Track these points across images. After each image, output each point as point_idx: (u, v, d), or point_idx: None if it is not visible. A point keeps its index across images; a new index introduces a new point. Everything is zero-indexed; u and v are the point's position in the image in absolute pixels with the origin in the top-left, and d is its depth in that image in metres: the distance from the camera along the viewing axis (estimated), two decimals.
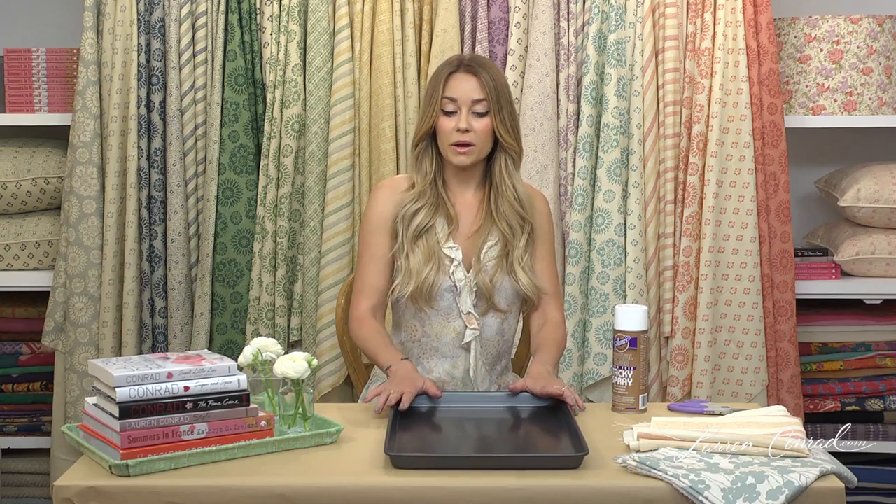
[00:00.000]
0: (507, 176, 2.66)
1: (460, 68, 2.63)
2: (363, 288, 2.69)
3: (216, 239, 3.45)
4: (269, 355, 2.29)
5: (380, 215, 2.68)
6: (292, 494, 1.99)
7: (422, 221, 2.63)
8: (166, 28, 3.44)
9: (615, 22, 3.38)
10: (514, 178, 2.67)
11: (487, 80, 2.61)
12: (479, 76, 2.61)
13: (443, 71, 2.64)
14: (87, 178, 3.44)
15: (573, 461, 2.08)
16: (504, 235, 2.66)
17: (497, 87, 2.62)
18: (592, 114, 3.40)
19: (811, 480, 1.99)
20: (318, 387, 3.41)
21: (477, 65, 2.63)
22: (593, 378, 3.38)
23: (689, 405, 2.46)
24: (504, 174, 2.66)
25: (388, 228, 2.67)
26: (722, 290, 3.43)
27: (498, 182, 2.66)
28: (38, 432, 3.67)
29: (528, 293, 2.66)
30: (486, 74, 2.61)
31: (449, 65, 2.65)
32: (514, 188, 2.66)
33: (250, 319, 3.44)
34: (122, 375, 2.06)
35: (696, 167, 3.39)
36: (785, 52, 3.60)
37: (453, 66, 2.64)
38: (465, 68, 2.63)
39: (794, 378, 3.48)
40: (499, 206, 2.66)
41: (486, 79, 2.61)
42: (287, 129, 3.41)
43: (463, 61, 2.65)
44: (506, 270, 2.64)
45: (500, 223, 2.65)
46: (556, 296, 2.73)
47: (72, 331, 3.47)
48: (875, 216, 3.54)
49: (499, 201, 2.66)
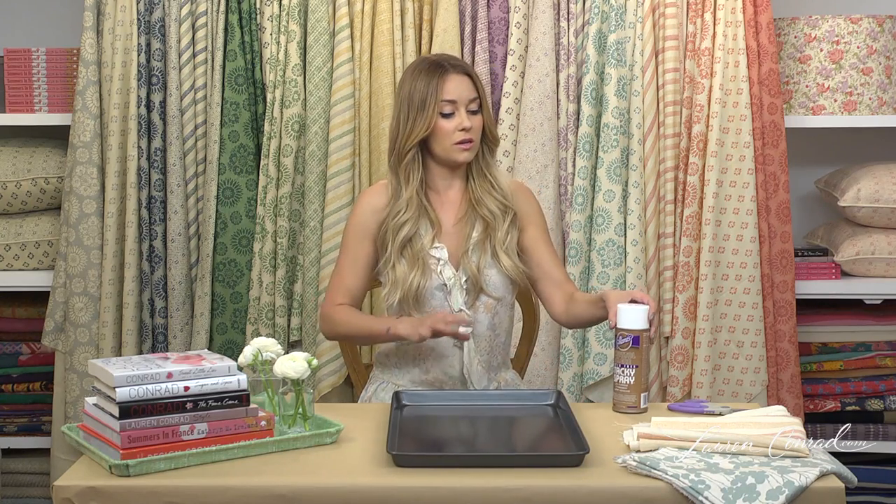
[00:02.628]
0: (483, 167, 2.72)
1: (451, 70, 2.65)
2: (338, 287, 2.71)
3: (216, 239, 3.45)
4: (269, 355, 2.29)
5: (363, 223, 2.71)
6: (292, 494, 1.99)
7: (409, 232, 2.65)
8: (166, 28, 3.44)
9: (615, 22, 3.38)
10: (492, 168, 2.73)
11: (476, 78, 2.69)
12: (470, 75, 2.68)
13: (432, 75, 2.65)
14: (87, 178, 3.44)
15: (574, 460, 2.08)
16: (487, 223, 2.67)
17: (482, 84, 2.72)
18: (592, 114, 3.40)
19: (811, 480, 1.99)
20: (318, 387, 3.41)
21: (463, 63, 2.71)
22: (593, 378, 3.38)
23: (689, 405, 2.46)
24: (482, 165, 2.72)
25: (369, 236, 2.70)
26: (722, 290, 3.43)
27: (475, 173, 2.72)
28: (38, 432, 3.67)
29: (513, 276, 2.68)
30: (473, 72, 2.70)
31: (435, 68, 2.66)
32: (493, 177, 2.71)
33: (250, 319, 3.44)
34: (122, 375, 2.06)
35: (696, 167, 3.39)
36: (785, 52, 3.60)
37: (439, 68, 2.66)
38: (457, 69, 2.66)
39: (794, 378, 3.48)
40: (478, 194, 2.70)
41: (475, 76, 2.69)
42: (287, 129, 3.41)
43: (448, 62, 2.68)
44: (489, 255, 2.65)
45: (481, 210, 2.68)
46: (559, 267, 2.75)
47: (72, 331, 3.47)
48: (875, 216, 3.54)
49: (478, 190, 2.70)
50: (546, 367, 3.43)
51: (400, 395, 2.47)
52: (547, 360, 3.43)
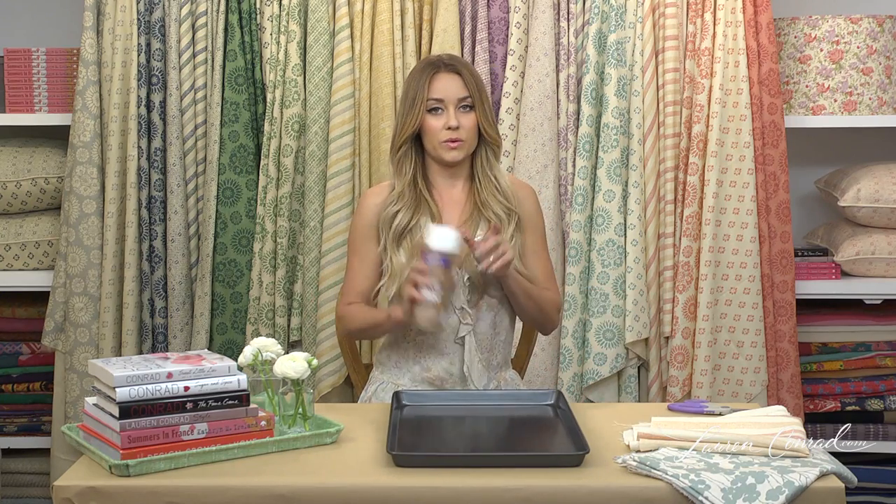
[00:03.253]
0: (487, 169, 2.72)
1: (442, 69, 2.68)
2: (350, 290, 2.75)
3: (216, 239, 3.45)
4: (269, 355, 2.29)
5: (366, 223, 2.73)
6: (292, 494, 1.99)
7: (401, 221, 2.67)
8: (166, 28, 3.44)
9: (615, 22, 3.38)
10: (494, 169, 2.73)
11: (469, 78, 2.68)
12: (461, 74, 2.68)
13: (423, 73, 2.68)
14: (87, 178, 3.44)
15: (574, 459, 2.08)
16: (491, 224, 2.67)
17: (477, 84, 2.70)
18: (592, 114, 3.40)
19: (811, 480, 1.99)
20: (318, 387, 3.41)
21: (458, 63, 2.70)
22: (593, 378, 3.38)
23: (689, 405, 2.46)
24: (486, 167, 2.72)
25: (374, 235, 2.72)
26: (722, 290, 3.43)
27: (480, 175, 2.73)
28: (38, 432, 3.67)
29: None
30: (466, 72, 2.69)
31: (427, 66, 2.69)
32: (495, 179, 2.72)
33: (250, 319, 3.44)
34: (122, 375, 2.06)
35: (696, 167, 3.39)
36: (785, 52, 3.60)
37: (431, 67, 2.69)
38: (447, 68, 2.68)
39: (794, 378, 3.48)
40: (483, 197, 2.70)
41: (468, 76, 2.69)
42: (287, 129, 3.41)
43: (442, 61, 2.70)
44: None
45: (486, 213, 2.69)
46: (550, 279, 2.77)
47: (72, 331, 3.47)
48: (875, 216, 3.54)
49: (483, 193, 2.71)
50: (546, 367, 3.43)
51: (400, 395, 2.47)
52: (547, 360, 3.43)
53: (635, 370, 3.46)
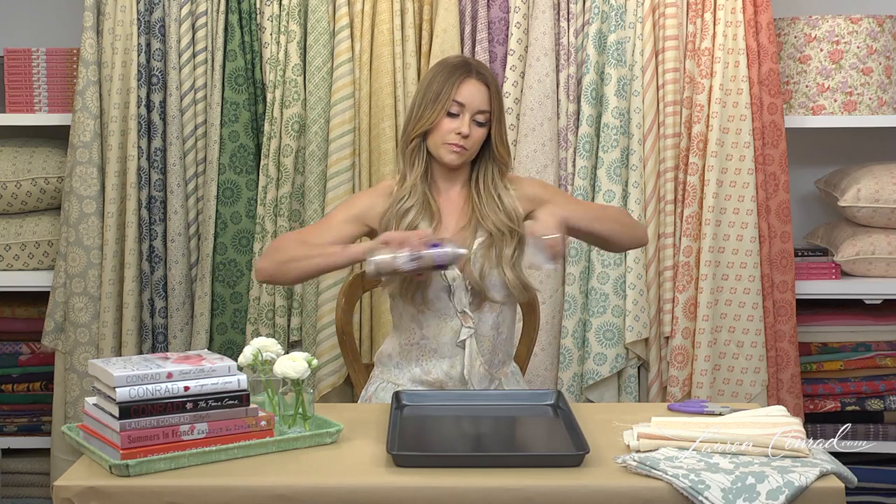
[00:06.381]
0: (492, 187, 2.70)
1: (473, 75, 2.65)
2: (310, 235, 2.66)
3: (216, 239, 3.45)
4: (269, 355, 2.29)
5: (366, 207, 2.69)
6: (292, 494, 1.99)
7: (412, 221, 2.65)
8: (166, 28, 3.44)
9: (615, 22, 3.38)
10: (499, 188, 2.70)
11: (495, 92, 2.67)
12: (489, 87, 2.66)
13: (454, 74, 2.65)
14: (87, 178, 3.44)
15: (574, 460, 2.08)
16: (491, 234, 2.67)
17: (500, 100, 2.68)
18: (592, 114, 3.40)
19: (811, 480, 1.99)
20: (318, 387, 3.41)
21: (488, 75, 2.68)
22: (593, 378, 3.38)
23: (689, 405, 2.46)
24: (490, 185, 2.70)
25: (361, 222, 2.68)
26: (722, 290, 3.43)
27: (481, 187, 2.70)
28: (38, 432, 3.67)
29: (513, 290, 2.67)
30: (494, 87, 2.67)
31: (458, 68, 2.66)
32: (499, 199, 2.69)
33: (250, 319, 3.44)
34: (122, 375, 2.06)
35: (696, 167, 3.39)
36: (785, 52, 3.60)
37: (463, 69, 2.66)
38: (478, 76, 2.66)
39: (794, 378, 3.48)
40: (484, 211, 2.68)
41: (494, 91, 2.67)
42: (287, 129, 3.41)
43: (472, 67, 2.67)
44: (494, 262, 2.65)
45: (486, 224, 2.67)
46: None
47: (72, 331, 3.47)
48: (875, 216, 3.54)
49: (483, 207, 2.68)
50: (546, 367, 3.43)
51: (400, 395, 2.48)
52: (547, 360, 3.43)
53: (635, 370, 3.47)
